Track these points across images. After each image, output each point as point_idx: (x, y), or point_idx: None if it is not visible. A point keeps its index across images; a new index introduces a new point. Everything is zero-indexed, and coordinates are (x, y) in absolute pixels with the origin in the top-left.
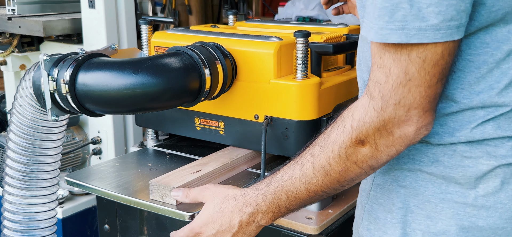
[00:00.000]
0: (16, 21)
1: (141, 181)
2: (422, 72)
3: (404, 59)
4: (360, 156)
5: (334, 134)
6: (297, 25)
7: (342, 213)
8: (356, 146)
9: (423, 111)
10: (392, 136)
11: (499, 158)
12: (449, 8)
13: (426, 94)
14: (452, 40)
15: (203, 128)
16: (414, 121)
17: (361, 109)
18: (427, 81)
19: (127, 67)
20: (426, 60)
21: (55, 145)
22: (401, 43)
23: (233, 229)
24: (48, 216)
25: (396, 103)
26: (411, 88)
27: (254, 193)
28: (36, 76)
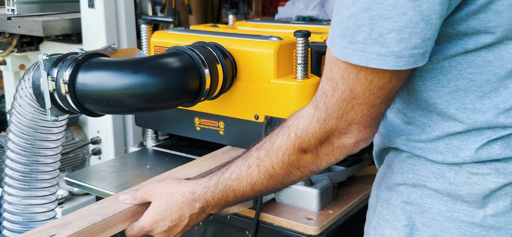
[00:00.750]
0: (15, 21)
1: (141, 181)
2: (367, 93)
3: (351, 78)
4: (302, 162)
5: (279, 140)
6: (297, 25)
7: (342, 213)
8: (298, 153)
9: (363, 127)
10: (332, 145)
11: (508, 175)
12: (412, 36)
13: (369, 113)
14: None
15: (203, 128)
16: (353, 134)
17: (305, 118)
18: (371, 101)
19: (126, 67)
20: (372, 82)
21: (54, 145)
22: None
23: (184, 222)
24: (47, 216)
25: (338, 117)
26: (354, 105)
27: (203, 190)
28: (35, 76)
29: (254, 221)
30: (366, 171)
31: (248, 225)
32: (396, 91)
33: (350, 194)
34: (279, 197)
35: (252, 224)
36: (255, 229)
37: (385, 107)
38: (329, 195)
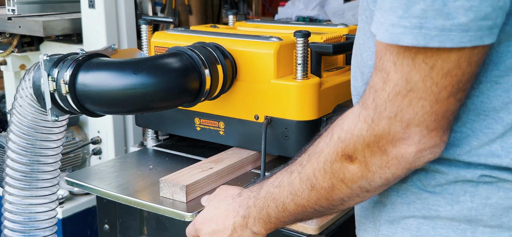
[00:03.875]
0: (16, 21)
1: (141, 181)
2: (428, 83)
3: (406, 64)
4: (348, 174)
5: (322, 143)
6: (297, 25)
7: (343, 213)
8: (343, 161)
9: (427, 131)
10: (386, 155)
11: None
12: (483, 3)
13: (433, 110)
14: (482, 45)
15: (203, 128)
16: (414, 140)
17: (351, 118)
18: (435, 94)
19: (127, 67)
20: (435, 68)
21: (55, 145)
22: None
23: (228, 231)
24: (48, 216)
25: (391, 116)
26: (412, 100)
27: (247, 194)
28: (36, 76)
29: None
30: None
31: None
32: (469, 81)
33: None
34: None
35: None
36: None
37: (455, 102)
38: None
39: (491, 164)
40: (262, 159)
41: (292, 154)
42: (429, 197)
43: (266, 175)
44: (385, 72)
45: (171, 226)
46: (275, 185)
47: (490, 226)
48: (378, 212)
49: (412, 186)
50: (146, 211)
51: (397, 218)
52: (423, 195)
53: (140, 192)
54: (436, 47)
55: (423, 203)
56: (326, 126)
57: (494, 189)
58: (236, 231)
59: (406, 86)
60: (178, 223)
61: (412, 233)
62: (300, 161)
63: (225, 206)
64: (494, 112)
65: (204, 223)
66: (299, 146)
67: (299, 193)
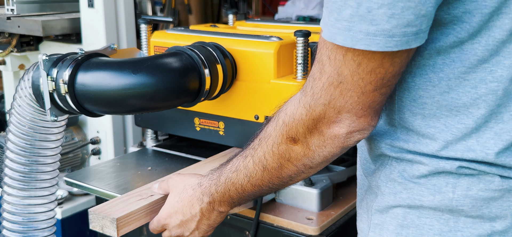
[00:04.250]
0: (15, 21)
1: (141, 181)
2: (355, 77)
3: (338, 60)
4: (293, 153)
5: (270, 128)
6: (297, 25)
7: (343, 213)
8: (288, 143)
9: (356, 117)
10: (322, 135)
11: None
12: (405, 12)
13: (360, 100)
14: (408, 48)
15: (203, 128)
16: (345, 123)
17: (293, 104)
18: (361, 87)
19: (126, 67)
20: (361, 65)
21: (54, 145)
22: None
23: (196, 218)
24: (47, 216)
25: (325, 104)
26: (342, 91)
27: (208, 182)
28: (35, 76)
29: (254, 221)
30: None
31: (248, 225)
32: (392, 78)
33: (349, 194)
34: (279, 197)
35: (252, 224)
36: (255, 229)
37: (380, 95)
38: (329, 195)
39: (467, 158)
40: None
41: None
42: (414, 187)
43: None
44: (322, 64)
45: None
46: (233, 170)
47: (472, 217)
48: (371, 201)
49: (398, 176)
50: None
51: (386, 207)
52: (408, 185)
53: None
54: (362, 49)
55: (409, 193)
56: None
57: (475, 180)
58: (204, 215)
59: (337, 78)
60: None
61: (399, 222)
62: (253, 145)
63: (187, 197)
64: (465, 108)
65: (170, 216)
66: None
67: (254, 174)
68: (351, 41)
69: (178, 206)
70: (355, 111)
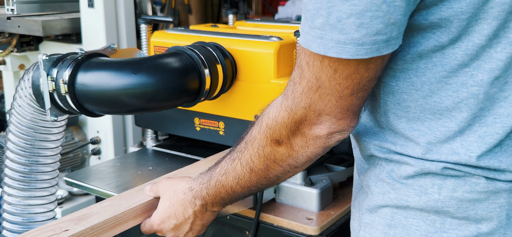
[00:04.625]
0: (15, 21)
1: (141, 181)
2: (332, 82)
3: (316, 66)
4: (278, 155)
5: (254, 131)
6: (297, 25)
7: (343, 213)
8: (272, 145)
9: (336, 119)
10: (304, 136)
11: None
12: (373, 21)
13: (338, 104)
14: (379, 55)
15: (203, 128)
16: (326, 125)
17: (275, 107)
18: (338, 92)
19: (126, 67)
20: (337, 71)
21: (54, 145)
22: None
23: (190, 220)
24: (47, 216)
25: (306, 107)
26: (321, 95)
27: (199, 186)
28: (35, 76)
29: (254, 221)
30: None
31: (248, 225)
32: (367, 83)
33: (350, 194)
34: (279, 197)
35: (252, 224)
36: (255, 229)
37: (357, 99)
38: (329, 195)
39: (451, 160)
40: None
41: None
42: (401, 188)
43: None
44: (301, 69)
45: None
46: (222, 173)
47: (458, 218)
48: (362, 200)
49: (387, 177)
50: None
51: (375, 207)
52: (396, 185)
53: None
54: (334, 57)
55: (396, 193)
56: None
57: (461, 182)
58: (198, 216)
59: (316, 83)
60: None
61: (387, 222)
62: (239, 148)
63: (179, 201)
64: (447, 112)
65: (163, 222)
66: None
67: (242, 176)
68: (324, 49)
69: (170, 211)
70: (334, 114)
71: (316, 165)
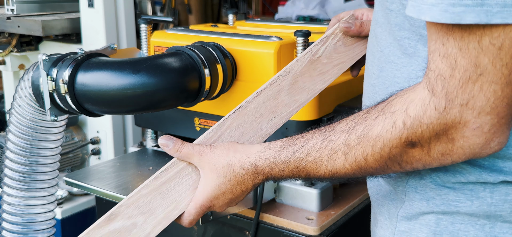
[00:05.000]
0: (15, 21)
1: (141, 181)
2: (497, 65)
3: (473, 48)
4: (406, 156)
5: (378, 128)
6: (297, 25)
7: (343, 213)
8: (404, 146)
9: (497, 118)
10: (452, 143)
11: None
12: None
13: (503, 94)
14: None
15: (203, 128)
16: (484, 130)
17: (419, 105)
18: (505, 76)
19: (126, 67)
20: (503, 48)
21: (54, 145)
22: (471, 25)
23: (247, 192)
24: (47, 217)
25: (463, 104)
26: (483, 85)
27: (269, 166)
28: (35, 76)
29: (254, 221)
30: None
31: (248, 225)
32: None
33: (350, 194)
34: (279, 197)
35: (252, 224)
36: (255, 229)
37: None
38: (329, 195)
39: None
40: None
41: None
42: (449, 193)
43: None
44: (452, 58)
45: (171, 226)
46: (310, 161)
47: (509, 221)
48: (395, 208)
49: (431, 182)
50: None
51: (415, 214)
52: (443, 191)
53: None
54: (500, 24)
55: (443, 199)
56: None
57: None
58: (256, 186)
59: (475, 71)
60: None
61: (431, 229)
62: (345, 141)
63: (237, 177)
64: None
65: (215, 198)
66: None
67: (342, 171)
68: (486, 17)
69: (225, 187)
70: (497, 111)
71: None
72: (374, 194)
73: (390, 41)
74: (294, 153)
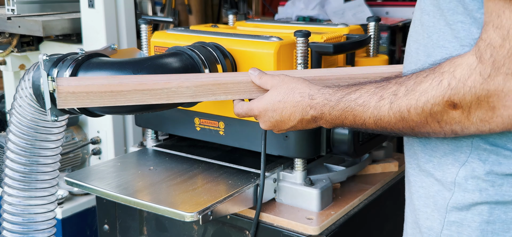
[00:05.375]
0: (15, 21)
1: (141, 181)
2: None
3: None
4: (446, 117)
5: (426, 84)
6: (297, 25)
7: (343, 213)
8: (445, 106)
9: None
10: (492, 111)
11: None
12: None
13: None
14: None
15: (203, 128)
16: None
17: (465, 69)
18: None
19: (127, 67)
20: None
21: (54, 145)
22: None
23: (292, 123)
24: (47, 216)
25: (508, 74)
26: None
27: (323, 101)
28: (35, 76)
29: (254, 221)
30: (366, 170)
31: (248, 225)
32: None
33: (350, 194)
34: (279, 197)
35: (252, 224)
36: (255, 229)
37: None
38: (329, 195)
39: None
40: (262, 159)
41: (292, 153)
42: (504, 184)
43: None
44: (505, 29)
45: (171, 226)
46: (359, 103)
47: None
48: (443, 200)
49: (483, 173)
50: (146, 211)
51: (467, 205)
52: (497, 182)
53: (140, 192)
54: None
55: (496, 189)
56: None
57: None
58: (301, 124)
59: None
60: (178, 223)
61: (484, 218)
62: (394, 91)
63: (292, 102)
64: None
65: (266, 111)
66: (299, 145)
67: (385, 118)
68: None
69: (278, 106)
70: None
71: (316, 165)
72: (413, 186)
73: (440, 27)
74: (348, 93)
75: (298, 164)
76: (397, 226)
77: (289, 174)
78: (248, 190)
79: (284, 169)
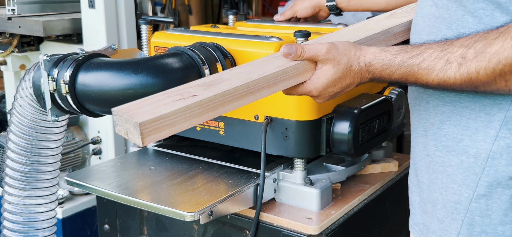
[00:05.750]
0: (16, 21)
1: (141, 181)
2: None
3: None
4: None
5: (497, 45)
6: (297, 25)
7: (342, 213)
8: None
9: None
10: None
11: None
12: None
13: None
14: None
15: (203, 128)
16: None
17: None
18: None
19: (127, 67)
20: None
21: (55, 145)
22: None
23: (350, 87)
24: (48, 216)
25: None
26: None
27: (382, 67)
28: (36, 76)
29: (254, 221)
30: (366, 170)
31: (248, 225)
32: None
33: (350, 194)
34: (279, 197)
35: (252, 224)
36: (255, 229)
37: None
38: (329, 195)
39: None
40: (262, 159)
41: (292, 153)
42: None
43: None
44: None
45: (171, 226)
46: (423, 67)
47: None
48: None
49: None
50: (146, 211)
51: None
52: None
53: (140, 192)
54: None
55: None
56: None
57: None
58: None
59: None
60: (178, 223)
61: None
62: (463, 54)
63: (350, 74)
64: None
65: (324, 90)
66: (299, 145)
67: (451, 80)
68: None
69: (337, 82)
70: None
71: (316, 165)
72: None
73: (459, 16)
74: (410, 58)
75: (298, 164)
76: (397, 225)
77: (289, 174)
78: (248, 189)
79: (284, 169)
